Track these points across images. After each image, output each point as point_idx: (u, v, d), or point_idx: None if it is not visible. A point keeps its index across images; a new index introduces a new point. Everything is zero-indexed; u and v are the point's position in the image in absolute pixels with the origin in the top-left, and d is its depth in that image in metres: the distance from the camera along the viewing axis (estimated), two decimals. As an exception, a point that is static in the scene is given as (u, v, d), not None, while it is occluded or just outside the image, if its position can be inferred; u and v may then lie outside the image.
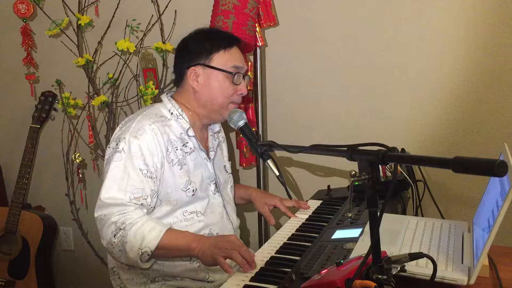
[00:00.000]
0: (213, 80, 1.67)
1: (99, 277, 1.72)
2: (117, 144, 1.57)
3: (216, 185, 1.74)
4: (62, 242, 2.91)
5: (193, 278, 1.65)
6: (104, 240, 1.52)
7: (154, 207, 1.60)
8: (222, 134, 1.92)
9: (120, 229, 1.48)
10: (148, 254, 1.46)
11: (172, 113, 1.67)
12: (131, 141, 1.55)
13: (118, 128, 1.66)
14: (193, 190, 1.65)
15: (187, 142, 1.66)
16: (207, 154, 1.74)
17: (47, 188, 2.85)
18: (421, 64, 2.07)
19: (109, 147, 1.62)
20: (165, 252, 1.50)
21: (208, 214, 1.69)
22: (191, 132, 1.67)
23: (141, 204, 1.54)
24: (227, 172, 1.86)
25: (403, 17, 2.07)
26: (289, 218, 1.77)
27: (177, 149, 1.63)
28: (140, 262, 1.48)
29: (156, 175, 1.57)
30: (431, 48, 2.05)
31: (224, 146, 1.92)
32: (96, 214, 1.54)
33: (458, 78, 2.03)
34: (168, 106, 1.69)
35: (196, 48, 1.69)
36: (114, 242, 1.48)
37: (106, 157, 1.62)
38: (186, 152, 1.66)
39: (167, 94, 1.75)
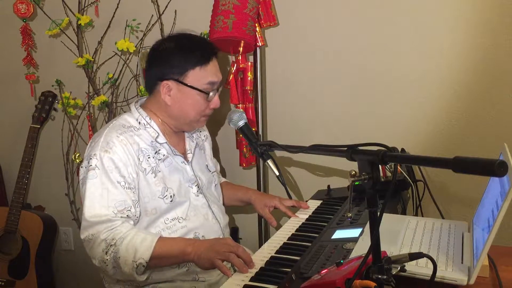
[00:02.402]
0: (186, 97, 1.62)
1: (99, 277, 1.72)
2: (88, 162, 1.55)
3: (198, 187, 1.71)
4: (62, 242, 2.91)
5: (183, 280, 1.64)
6: (96, 260, 1.50)
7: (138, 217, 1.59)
8: (204, 133, 1.88)
9: (111, 245, 1.46)
10: (143, 266, 1.44)
11: (140, 122, 1.64)
12: (102, 156, 1.53)
13: (88, 145, 1.63)
14: (171, 197, 1.62)
15: (159, 150, 1.64)
16: (185, 158, 1.71)
17: (47, 188, 2.85)
18: (421, 64, 2.07)
19: (81, 167, 1.60)
20: (160, 261, 1.49)
21: (190, 217, 1.66)
22: (161, 140, 1.64)
23: (127, 216, 1.52)
24: (210, 171, 1.83)
25: (403, 17, 2.07)
26: (289, 218, 1.77)
27: (149, 157, 1.60)
28: (136, 275, 1.46)
29: (134, 185, 1.56)
30: (431, 48, 2.05)
31: (207, 144, 1.88)
32: (82, 236, 1.52)
33: (458, 78, 2.03)
34: (135, 115, 1.66)
35: (170, 61, 1.61)
36: (107, 259, 1.46)
37: (80, 177, 1.59)
38: (159, 159, 1.63)
39: (136, 102, 1.71)
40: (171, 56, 1.62)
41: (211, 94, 1.64)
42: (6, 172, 2.92)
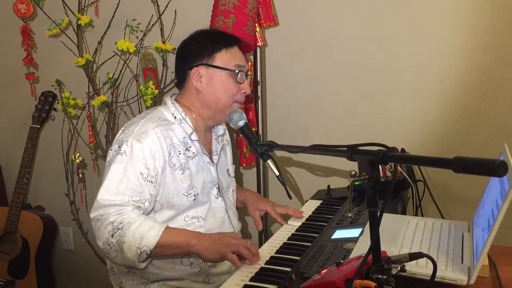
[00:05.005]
0: (216, 79, 1.67)
1: (99, 277, 1.72)
2: (119, 147, 1.56)
3: (219, 189, 1.73)
4: (62, 242, 2.91)
5: (194, 280, 1.65)
6: (100, 241, 1.50)
7: (154, 211, 1.60)
8: (226, 137, 1.90)
9: (118, 228, 1.47)
10: (147, 253, 1.46)
11: (175, 117, 1.66)
12: (133, 144, 1.54)
13: (121, 131, 1.65)
14: (194, 195, 1.64)
15: (190, 147, 1.65)
16: (210, 158, 1.73)
17: (47, 188, 2.85)
18: (421, 64, 2.07)
19: (111, 149, 1.61)
20: (163, 250, 1.50)
21: (209, 219, 1.68)
22: (194, 137, 1.66)
23: (139, 206, 1.54)
24: (229, 176, 1.85)
25: (403, 17, 2.07)
26: (281, 225, 1.76)
27: (180, 154, 1.62)
28: (138, 262, 1.47)
29: (156, 179, 1.56)
30: (431, 48, 2.05)
31: (228, 149, 1.90)
32: (92, 215, 1.53)
33: (458, 78, 2.03)
34: (171, 109, 1.68)
35: (198, 48, 1.68)
36: (112, 242, 1.47)
37: (107, 159, 1.61)
38: (188, 157, 1.64)
39: (171, 96, 1.73)
40: (198, 44, 1.69)
41: (239, 75, 1.68)
42: (6, 172, 2.92)
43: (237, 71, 1.67)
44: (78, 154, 2.53)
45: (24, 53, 2.57)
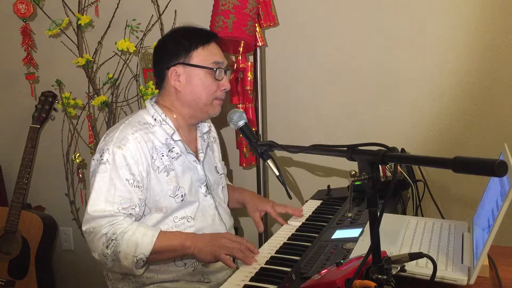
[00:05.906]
0: (194, 78, 1.66)
1: (99, 277, 1.73)
2: (101, 156, 1.56)
3: (207, 187, 1.72)
4: (62, 242, 2.91)
5: (188, 280, 1.65)
6: (96, 253, 1.51)
7: (144, 215, 1.60)
8: (213, 134, 1.89)
9: (112, 239, 1.47)
10: (143, 261, 1.46)
11: (155, 119, 1.65)
12: (115, 151, 1.54)
13: (102, 139, 1.64)
14: (182, 196, 1.63)
15: (173, 147, 1.64)
16: (196, 157, 1.72)
17: (47, 188, 2.85)
18: (421, 64, 2.07)
19: (93, 159, 1.61)
20: (160, 255, 1.50)
21: (199, 218, 1.68)
22: (176, 137, 1.65)
23: (130, 213, 1.53)
24: (218, 173, 1.84)
25: (403, 17, 2.07)
26: (281, 225, 1.76)
27: (163, 156, 1.61)
28: (135, 269, 1.48)
29: (142, 184, 1.56)
30: (431, 48, 2.05)
31: (216, 146, 1.89)
32: (84, 228, 1.52)
33: (458, 78, 2.03)
34: (151, 112, 1.67)
35: (174, 47, 1.67)
36: (107, 253, 1.47)
37: (91, 169, 1.60)
38: (172, 158, 1.64)
39: (151, 99, 1.73)
40: (174, 43, 1.68)
41: (217, 72, 1.66)
42: (6, 172, 2.92)
43: (215, 69, 1.66)
44: (78, 154, 2.53)
45: (24, 53, 2.57)
